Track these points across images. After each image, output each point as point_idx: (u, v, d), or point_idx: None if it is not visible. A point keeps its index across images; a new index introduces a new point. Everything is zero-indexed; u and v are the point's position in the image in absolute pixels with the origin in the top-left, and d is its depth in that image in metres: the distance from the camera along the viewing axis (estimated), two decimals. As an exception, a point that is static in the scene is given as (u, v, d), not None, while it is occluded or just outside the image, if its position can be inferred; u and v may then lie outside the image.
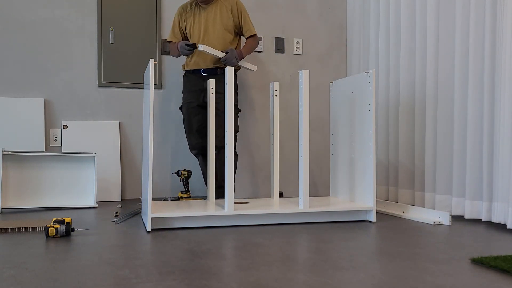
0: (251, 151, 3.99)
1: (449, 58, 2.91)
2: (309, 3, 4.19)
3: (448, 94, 2.91)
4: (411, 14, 3.26)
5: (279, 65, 4.11)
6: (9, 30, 3.52)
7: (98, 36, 3.68)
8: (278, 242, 2.10)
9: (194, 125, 3.34)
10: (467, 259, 1.80)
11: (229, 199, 2.48)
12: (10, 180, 3.11)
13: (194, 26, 3.31)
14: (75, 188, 3.25)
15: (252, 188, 4.00)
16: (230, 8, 3.30)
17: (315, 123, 4.19)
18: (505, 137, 2.46)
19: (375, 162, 2.71)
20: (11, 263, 1.70)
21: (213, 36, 3.26)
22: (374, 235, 2.29)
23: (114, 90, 3.74)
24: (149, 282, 1.48)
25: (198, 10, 3.32)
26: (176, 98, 3.79)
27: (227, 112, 2.50)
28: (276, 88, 3.07)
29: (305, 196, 2.58)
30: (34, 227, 2.35)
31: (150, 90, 2.39)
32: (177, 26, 3.38)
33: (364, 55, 3.89)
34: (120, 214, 2.85)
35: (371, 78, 2.71)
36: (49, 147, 3.58)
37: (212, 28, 3.27)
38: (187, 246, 2.01)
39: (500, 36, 2.49)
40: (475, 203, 2.68)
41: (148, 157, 2.37)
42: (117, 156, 3.67)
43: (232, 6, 3.30)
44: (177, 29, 3.38)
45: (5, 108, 3.46)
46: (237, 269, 1.64)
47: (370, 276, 1.56)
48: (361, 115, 2.82)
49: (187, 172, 3.43)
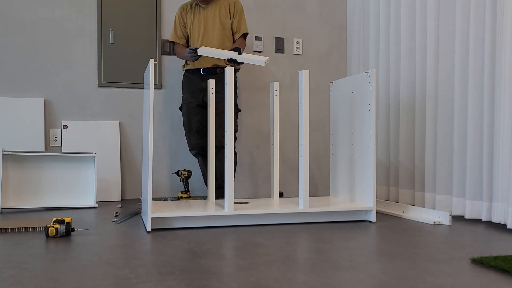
0: (251, 151, 3.99)
1: (449, 58, 2.91)
2: (309, 3, 4.19)
3: (448, 94, 2.91)
4: (411, 14, 3.26)
5: (279, 65, 4.11)
6: (9, 30, 3.52)
7: (98, 36, 3.68)
8: (278, 242, 2.10)
9: (193, 125, 3.34)
10: (467, 259, 1.80)
11: (229, 199, 2.48)
12: (10, 180, 3.11)
13: (193, 26, 3.32)
14: (75, 188, 3.25)
15: (252, 188, 4.00)
16: (228, 7, 3.31)
17: (315, 123, 4.19)
18: (505, 137, 2.46)
19: (375, 162, 2.71)
20: (11, 263, 1.70)
21: (212, 36, 3.27)
22: (374, 235, 2.29)
23: (114, 90, 3.74)
24: (149, 282, 1.48)
25: (198, 9, 3.33)
26: (176, 98, 3.79)
27: (227, 112, 2.49)
28: (276, 88, 3.07)
29: (305, 196, 2.57)
30: (34, 227, 2.35)
31: (150, 90, 2.39)
32: (178, 26, 3.38)
33: (364, 55, 3.89)
34: (120, 214, 2.85)
35: (371, 78, 2.71)
36: (49, 147, 3.58)
37: (212, 27, 3.27)
38: (187, 246, 2.01)
39: (500, 36, 2.49)
40: (475, 203, 2.68)
41: (148, 157, 2.37)
42: (117, 156, 3.67)
43: (231, 4, 3.31)
44: (179, 30, 3.37)
45: (5, 108, 3.46)
46: (237, 269, 1.64)
47: (370, 276, 1.56)
48: (361, 115, 2.82)
49: (187, 172, 3.43)
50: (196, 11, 3.33)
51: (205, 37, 3.27)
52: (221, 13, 3.29)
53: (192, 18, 3.33)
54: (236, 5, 3.33)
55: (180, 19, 3.37)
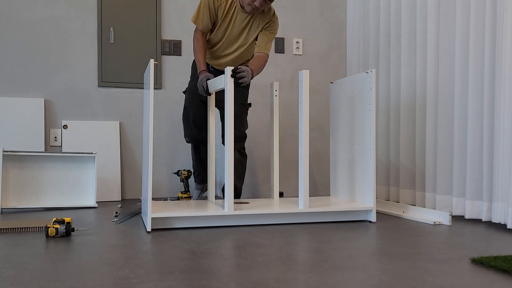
0: (251, 151, 3.98)
1: (450, 58, 2.91)
2: (309, 3, 4.19)
3: (448, 94, 2.91)
4: (412, 14, 3.26)
5: (279, 65, 4.11)
6: (9, 30, 3.52)
7: (98, 36, 3.68)
8: (278, 242, 2.10)
9: (192, 116, 3.13)
10: (467, 259, 1.80)
11: (229, 199, 2.47)
12: (10, 180, 3.11)
13: (220, 26, 2.94)
14: (75, 188, 3.25)
15: (252, 188, 4.00)
16: (266, 21, 2.95)
17: (315, 123, 4.19)
18: (505, 137, 2.46)
19: (375, 162, 2.71)
20: (11, 263, 1.70)
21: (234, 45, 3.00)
22: (374, 235, 2.29)
23: (114, 90, 3.74)
24: (149, 282, 1.48)
25: (234, 10, 2.91)
26: (176, 98, 3.78)
27: (227, 112, 2.49)
28: (276, 88, 3.07)
29: (305, 196, 2.57)
30: (34, 227, 2.35)
31: (150, 90, 2.39)
32: (207, 10, 2.88)
33: (364, 55, 3.89)
34: (120, 214, 2.85)
35: (371, 78, 2.71)
36: (49, 147, 3.58)
37: (237, 37, 2.98)
38: (187, 246, 2.01)
39: (500, 36, 2.49)
40: (475, 203, 2.68)
41: (148, 157, 2.37)
42: (117, 156, 3.67)
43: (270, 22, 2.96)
44: (206, 14, 2.89)
45: (5, 108, 3.46)
46: (237, 269, 1.64)
47: (370, 276, 1.56)
48: (361, 115, 2.82)
49: (187, 172, 3.43)
50: (231, 10, 2.91)
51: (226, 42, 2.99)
52: (252, 26, 2.95)
53: (224, 16, 2.91)
54: (275, 24, 2.98)
55: (210, 4, 2.88)
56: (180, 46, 3.87)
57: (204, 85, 2.81)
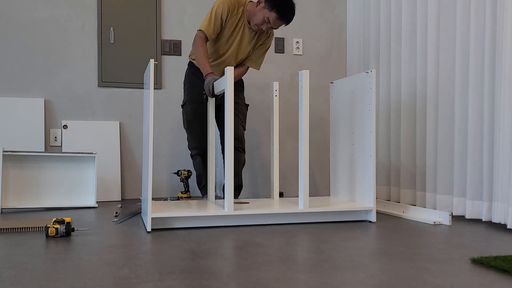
0: (251, 151, 3.98)
1: (450, 58, 2.91)
2: (309, 3, 4.19)
3: (448, 94, 2.91)
4: (412, 13, 3.26)
5: (279, 65, 4.11)
6: (9, 30, 3.52)
7: (98, 36, 3.68)
8: (278, 242, 2.10)
9: (199, 127, 3.13)
10: (467, 259, 1.80)
11: (229, 199, 2.47)
12: (10, 180, 3.11)
13: (224, 35, 3.00)
14: (75, 188, 3.25)
15: (252, 188, 4.00)
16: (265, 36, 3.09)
17: (315, 123, 4.19)
18: (505, 137, 2.46)
19: (375, 162, 2.71)
20: (11, 263, 1.70)
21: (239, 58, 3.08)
22: (374, 235, 2.29)
23: (114, 90, 3.74)
24: (149, 282, 1.48)
25: (242, 24, 3.00)
26: (176, 98, 3.78)
27: (227, 112, 2.49)
28: (276, 88, 3.07)
29: (305, 196, 2.57)
30: (34, 227, 2.35)
31: (150, 90, 2.39)
32: (219, 21, 2.93)
33: (364, 55, 3.89)
34: (120, 214, 2.85)
35: (371, 78, 2.71)
36: (49, 147, 3.58)
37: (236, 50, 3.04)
38: (187, 246, 2.01)
39: (500, 36, 2.49)
40: (476, 203, 2.68)
41: (148, 157, 2.37)
42: (117, 156, 3.67)
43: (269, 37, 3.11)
44: (218, 25, 2.93)
45: (5, 108, 3.46)
46: (237, 269, 1.64)
47: (370, 276, 1.56)
48: (361, 115, 2.82)
49: (187, 172, 3.43)
50: (239, 23, 2.99)
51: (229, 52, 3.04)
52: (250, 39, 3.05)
53: (234, 26, 2.99)
54: (271, 38, 3.13)
55: (222, 16, 2.92)
56: (180, 46, 3.87)
57: (211, 87, 2.81)
